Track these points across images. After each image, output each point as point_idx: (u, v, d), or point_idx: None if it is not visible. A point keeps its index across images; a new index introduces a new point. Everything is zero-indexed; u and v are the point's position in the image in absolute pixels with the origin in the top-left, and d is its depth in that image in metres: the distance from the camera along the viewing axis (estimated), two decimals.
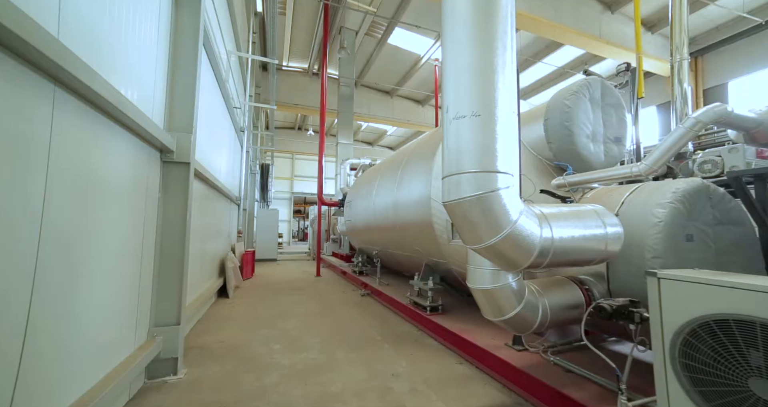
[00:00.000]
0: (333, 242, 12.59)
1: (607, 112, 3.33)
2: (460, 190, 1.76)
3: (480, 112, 1.70)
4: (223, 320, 4.59)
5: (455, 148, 1.80)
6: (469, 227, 1.83)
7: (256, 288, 7.12)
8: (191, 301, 3.94)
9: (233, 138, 7.85)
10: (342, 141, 14.65)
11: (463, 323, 3.67)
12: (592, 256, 2.00)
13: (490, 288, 2.08)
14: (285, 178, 26.13)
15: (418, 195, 4.05)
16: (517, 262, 1.84)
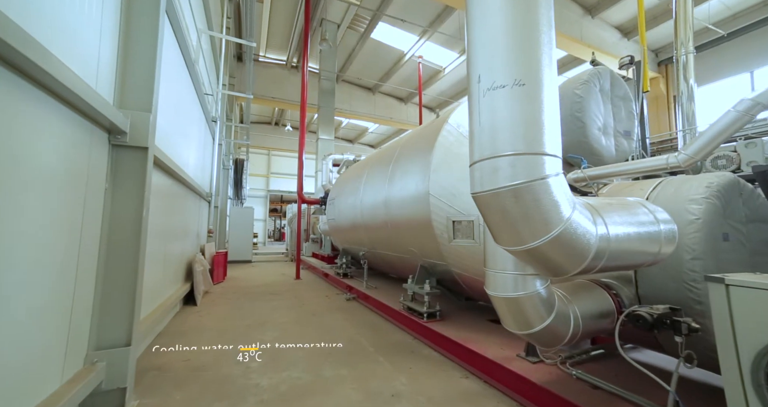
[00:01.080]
0: (313, 242, 12.02)
1: (616, 104, 3.16)
2: (498, 177, 1.41)
3: (525, 80, 1.36)
4: (189, 332, 4.00)
5: (490, 125, 1.45)
6: (509, 225, 1.48)
7: (229, 293, 6.49)
8: (149, 313, 3.36)
9: (204, 128, 7.15)
10: (323, 136, 14.10)
11: (466, 331, 3.37)
12: (643, 260, 1.72)
13: (515, 296, 1.77)
14: (261, 175, 25.02)
15: (414, 191, 3.70)
16: (565, 268, 1.52)
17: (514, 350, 2.81)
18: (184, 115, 5.13)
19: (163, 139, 3.72)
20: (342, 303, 5.76)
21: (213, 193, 7.68)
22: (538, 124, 1.40)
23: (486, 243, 1.98)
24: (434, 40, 14.85)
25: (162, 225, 4.03)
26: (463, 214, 3.21)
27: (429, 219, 3.41)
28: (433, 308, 3.77)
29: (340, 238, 7.33)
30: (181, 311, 4.97)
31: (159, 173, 3.78)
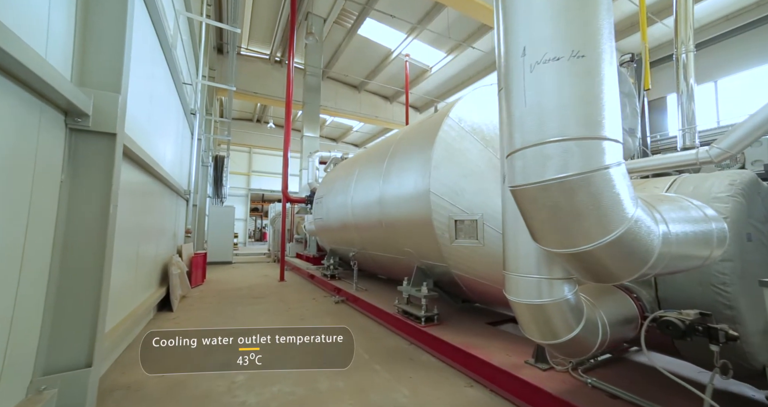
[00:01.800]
0: (297, 242, 11.61)
1: (621, 101, 3.09)
2: (547, 167, 1.19)
3: (584, 51, 1.15)
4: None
5: (538, 106, 1.22)
6: (558, 224, 1.28)
7: (208, 297, 6.07)
8: (117, 323, 2.98)
9: (182, 121, 6.66)
10: (308, 134, 13.68)
11: (466, 335, 3.21)
12: (691, 265, 1.54)
13: (541, 303, 1.60)
14: (241, 173, 24.16)
15: (413, 188, 3.51)
16: (616, 275, 1.34)
17: (520, 356, 2.66)
18: (160, 104, 4.70)
19: (136, 129, 3.34)
20: (330, 306, 5.49)
21: (191, 190, 7.19)
22: (597, 102, 1.18)
23: (506, 244, 1.81)
24: (422, 38, 14.76)
25: (134, 224, 3.64)
26: (466, 213, 3.05)
27: (429, 219, 3.23)
28: (430, 312, 3.59)
29: (327, 238, 7.05)
30: (156, 318, 4.54)
31: (131, 166, 3.39)
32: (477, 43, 13.61)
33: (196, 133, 7.36)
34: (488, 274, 3.04)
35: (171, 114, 5.55)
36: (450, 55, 15.75)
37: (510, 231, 1.78)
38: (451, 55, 15.70)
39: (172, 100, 5.47)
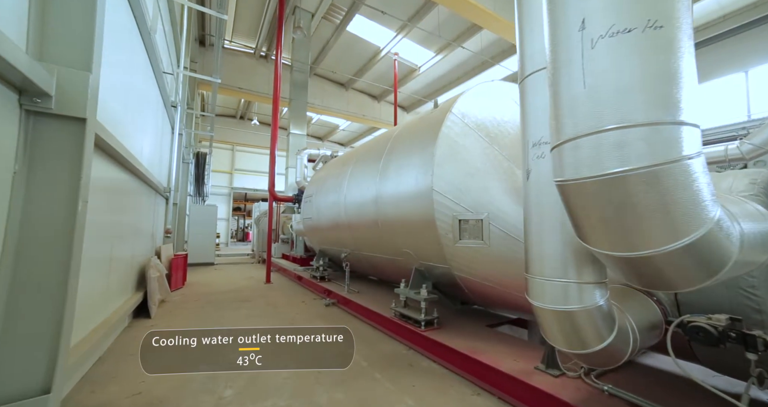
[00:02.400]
0: (283, 243, 11.25)
1: None
2: (609, 158, 1.02)
3: (662, 21, 0.99)
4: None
5: (599, 85, 1.05)
6: (621, 224, 1.11)
7: (190, 301, 5.70)
8: (86, 335, 2.67)
9: (161, 113, 6.24)
10: (294, 131, 13.31)
11: (469, 339, 3.07)
12: (747, 270, 1.40)
13: (570, 309, 1.47)
14: (224, 172, 23.38)
15: (413, 187, 3.34)
16: (677, 284, 1.19)
17: (528, 361, 2.55)
18: (138, 94, 4.34)
19: (111, 119, 3.01)
20: (321, 309, 5.26)
21: (171, 188, 6.76)
22: (676, 81, 1.00)
23: (529, 245, 1.67)
24: (411, 37, 14.66)
25: (108, 223, 3.30)
26: (471, 213, 2.91)
27: (432, 218, 3.07)
28: (430, 315, 3.44)
29: (317, 239, 6.79)
30: (131, 326, 4.17)
31: (105, 160, 3.06)
32: (467, 43, 13.63)
33: (177, 128, 6.93)
34: (493, 276, 2.91)
35: (150, 105, 5.17)
36: (439, 55, 15.73)
37: (534, 230, 1.64)
38: (440, 55, 15.69)
39: (151, 90, 5.09)
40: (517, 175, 2.93)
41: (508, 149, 3.05)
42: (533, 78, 1.66)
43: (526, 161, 1.68)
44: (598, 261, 1.41)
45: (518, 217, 2.78)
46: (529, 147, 1.62)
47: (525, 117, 1.71)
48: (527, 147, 1.65)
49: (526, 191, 1.69)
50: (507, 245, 2.79)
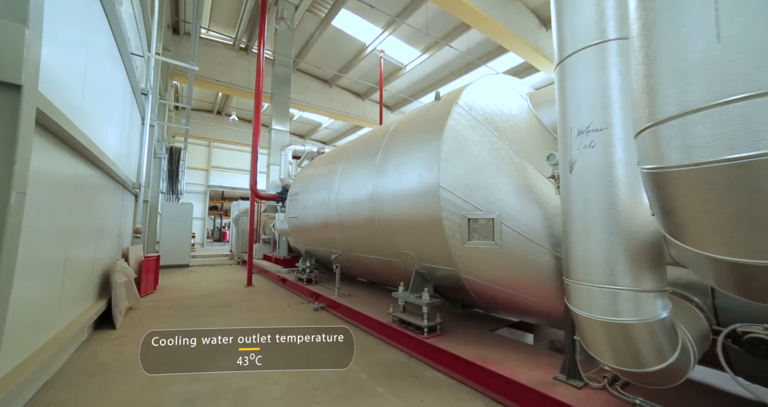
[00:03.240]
0: (264, 243, 10.73)
1: None
2: (746, 135, 0.80)
3: None
4: (101, 373, 2.86)
5: (741, 38, 0.81)
6: (751, 220, 0.89)
7: (163, 307, 5.18)
8: (27, 357, 2.23)
9: (129, 101, 5.65)
10: (277, 127, 12.78)
11: (476, 347, 2.88)
12: None
13: (626, 322, 1.28)
14: (199, 169, 22.24)
15: (417, 183, 3.11)
16: None
17: (545, 370, 2.38)
18: (101, 75, 3.83)
19: (67, 101, 2.56)
20: (309, 314, 4.93)
21: (142, 184, 6.16)
22: None
23: (571, 246, 1.47)
24: (398, 34, 14.46)
25: (62, 223, 2.83)
26: (481, 211, 2.71)
27: (438, 217, 2.85)
28: (433, 321, 3.22)
29: (304, 239, 6.43)
30: (91, 340, 3.66)
31: (60, 148, 2.60)
32: (454, 43, 13.59)
33: (149, 118, 6.33)
34: (504, 279, 2.73)
35: (116, 91, 4.62)
36: (425, 54, 15.63)
37: (577, 230, 1.45)
38: (426, 54, 15.59)
39: (116, 71, 4.55)
40: (529, 171, 2.77)
41: (518, 144, 2.88)
42: (575, 58, 1.47)
43: (567, 152, 1.49)
44: (659, 265, 1.23)
45: (532, 216, 2.61)
46: (572, 136, 1.43)
47: (565, 103, 1.52)
48: (568, 136, 1.46)
49: (568, 186, 1.49)
50: (520, 246, 2.61)
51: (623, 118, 1.33)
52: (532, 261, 2.59)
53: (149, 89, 6.04)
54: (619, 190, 1.31)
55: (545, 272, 2.58)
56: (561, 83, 1.55)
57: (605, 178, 1.31)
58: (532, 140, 2.96)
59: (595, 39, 1.41)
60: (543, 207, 2.64)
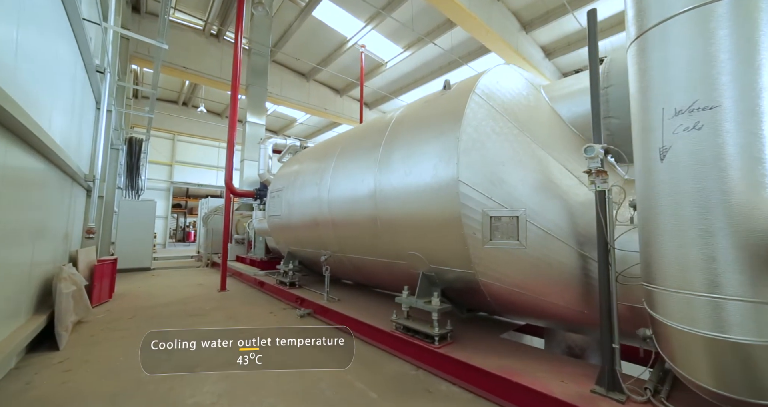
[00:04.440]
0: (237, 244, 9.97)
1: None
2: None
3: None
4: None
5: None
6: None
7: (121, 319, 4.48)
8: None
9: (81, 77, 4.85)
10: (252, 120, 12.01)
11: (493, 355, 2.63)
12: None
13: (746, 342, 1.05)
14: (162, 163, 20.55)
15: (430, 178, 2.81)
16: None
17: (579, 383, 2.17)
18: (40, 38, 3.15)
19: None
20: (295, 321, 4.48)
21: (96, 177, 5.34)
22: None
23: (655, 246, 1.25)
24: (380, 29, 14.16)
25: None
26: (505, 208, 2.47)
27: (457, 215, 2.57)
28: (444, 328, 2.94)
29: (287, 239, 5.92)
30: (23, 366, 2.94)
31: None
32: (437, 41, 13.50)
33: (105, 102, 5.48)
34: (527, 282, 2.51)
35: (61, 64, 3.88)
36: (407, 51, 15.44)
37: (667, 228, 1.23)
38: (408, 51, 15.41)
39: (61, 42, 3.82)
40: (553, 165, 2.57)
41: (539, 137, 2.68)
42: (664, 28, 1.26)
43: (652, 138, 1.26)
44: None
45: (558, 213, 2.42)
46: (666, 117, 1.20)
47: (647, 81, 1.31)
48: (657, 118, 1.24)
49: (651, 177, 1.28)
50: (546, 246, 2.40)
51: (738, 93, 1.13)
52: (560, 262, 2.39)
53: (106, 67, 5.24)
54: (733, 180, 1.10)
55: (572, 273, 2.40)
56: (641, 59, 1.34)
57: (715, 165, 1.10)
58: (552, 134, 2.77)
59: (696, 1, 1.20)
60: (569, 203, 2.45)
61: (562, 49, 14.04)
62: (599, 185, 2.07)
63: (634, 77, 1.39)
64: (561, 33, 13.09)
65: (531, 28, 12.85)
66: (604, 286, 2.04)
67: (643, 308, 2.08)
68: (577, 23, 11.98)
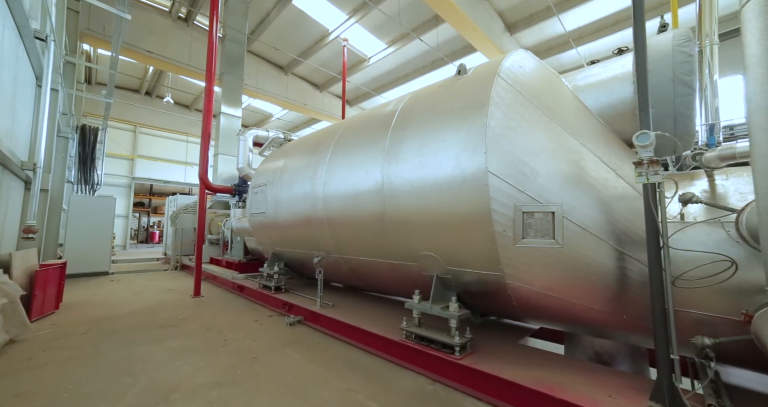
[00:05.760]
0: (211, 244, 9.18)
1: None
2: None
3: None
4: None
5: None
6: None
7: (71, 334, 3.79)
8: None
9: (12, 41, 4.03)
10: (227, 111, 11.19)
11: (522, 366, 2.38)
12: None
13: None
14: (123, 156, 18.83)
15: (453, 169, 2.50)
16: None
17: (630, 398, 1.95)
18: None
19: None
20: (285, 330, 4.03)
21: (39, 166, 4.53)
22: None
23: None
24: (364, 23, 13.79)
25: None
26: (540, 203, 2.23)
27: (486, 210, 2.29)
28: (464, 337, 2.66)
29: (272, 239, 5.41)
30: None
31: None
32: (424, 38, 13.32)
33: (48, 77, 4.64)
34: (561, 285, 2.29)
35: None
36: (391, 47, 15.17)
37: None
38: (391, 47, 15.14)
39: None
40: (588, 156, 2.36)
41: (571, 126, 2.46)
42: None
43: None
44: None
45: (595, 209, 2.21)
46: None
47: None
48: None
49: None
50: (583, 244, 2.19)
51: None
52: (599, 262, 2.19)
53: (48, 34, 4.43)
54: None
55: (612, 274, 2.20)
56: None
57: None
58: (580, 123, 2.58)
59: None
60: (606, 198, 2.26)
61: (544, 53, 14.36)
62: (651, 177, 1.87)
63: (761, 35, 1.18)
64: (542, 37, 13.40)
65: (515, 30, 13.03)
66: (657, 290, 1.84)
67: (700, 314, 1.91)
68: (556, 28, 12.30)
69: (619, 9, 11.33)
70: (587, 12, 11.62)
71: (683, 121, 2.32)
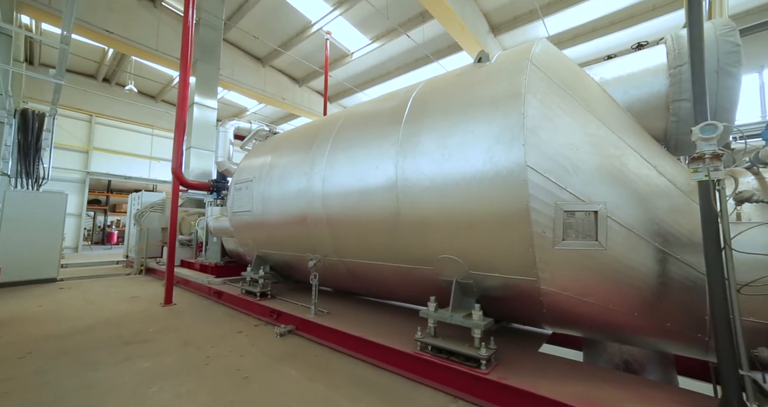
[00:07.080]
0: (182, 245, 8.39)
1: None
2: None
3: None
4: None
5: None
6: None
7: (3, 360, 3.11)
8: None
9: None
10: (201, 102, 10.31)
11: (559, 380, 2.18)
12: None
13: None
14: (75, 148, 17.05)
15: (483, 164, 2.24)
16: None
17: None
18: None
19: None
20: (275, 343, 3.61)
21: None
22: None
23: None
24: (349, 16, 13.38)
25: None
26: (582, 201, 2.03)
27: (524, 208, 2.06)
28: (489, 349, 2.42)
29: (257, 240, 4.92)
30: None
31: None
32: (412, 32, 13.10)
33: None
34: (601, 291, 2.11)
35: None
36: (375, 43, 14.85)
37: None
38: (376, 43, 14.82)
39: None
40: (629, 152, 2.20)
41: (608, 120, 2.30)
42: None
43: None
44: None
45: (639, 208, 2.05)
46: None
47: None
48: None
49: None
50: (628, 246, 2.02)
51: None
52: (643, 264, 2.02)
53: None
54: None
55: (656, 279, 2.05)
56: None
57: None
58: (613, 117, 2.43)
59: None
60: (650, 196, 2.10)
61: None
62: (712, 173, 1.72)
63: None
64: (525, 40, 13.67)
65: (499, 32, 13.18)
66: (718, 298, 1.69)
67: (760, 322, 1.79)
68: (539, 32, 12.59)
69: (597, 17, 11.78)
70: (567, 18, 11.97)
71: (723, 115, 2.23)
